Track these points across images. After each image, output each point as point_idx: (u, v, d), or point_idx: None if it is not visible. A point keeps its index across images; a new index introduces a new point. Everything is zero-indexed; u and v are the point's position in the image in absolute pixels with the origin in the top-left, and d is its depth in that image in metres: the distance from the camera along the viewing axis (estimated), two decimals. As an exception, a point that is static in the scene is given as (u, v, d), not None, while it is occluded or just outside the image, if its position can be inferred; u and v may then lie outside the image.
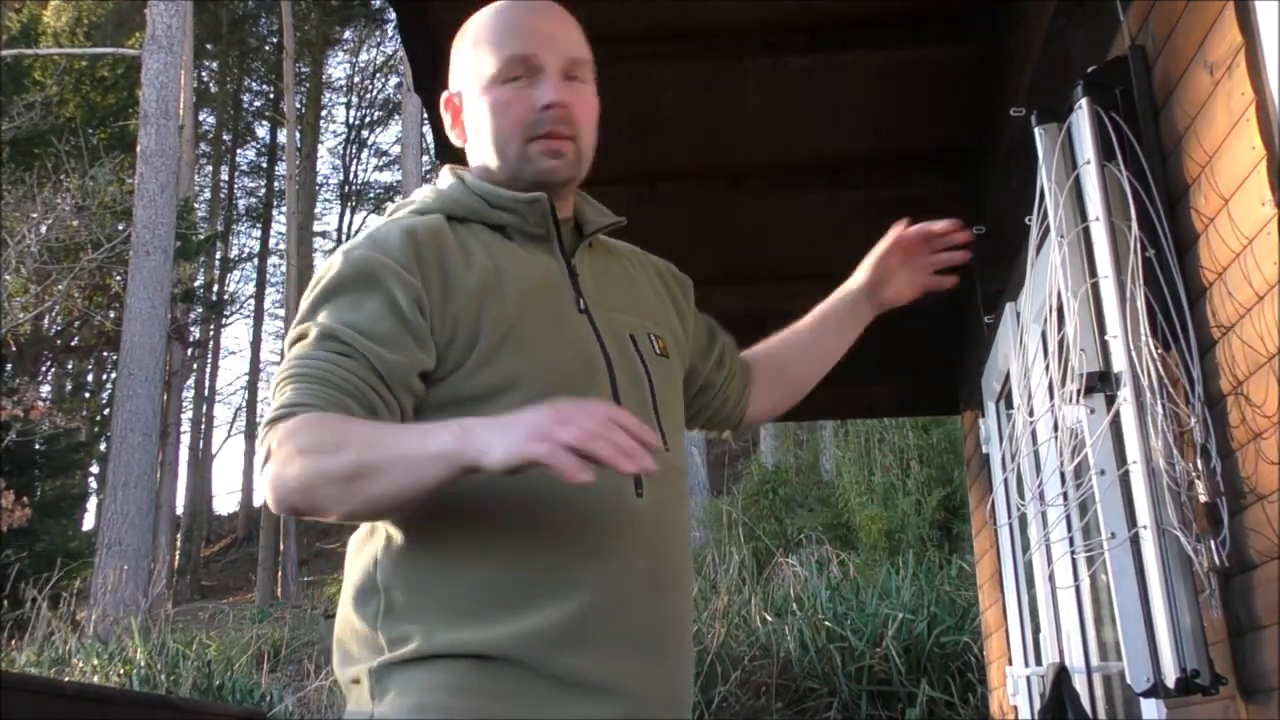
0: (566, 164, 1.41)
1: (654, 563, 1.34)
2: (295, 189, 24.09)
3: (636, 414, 1.27)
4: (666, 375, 1.46)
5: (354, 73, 30.69)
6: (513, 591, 1.27)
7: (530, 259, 1.40)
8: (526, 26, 1.42)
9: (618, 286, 1.49)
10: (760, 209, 4.00)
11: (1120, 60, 2.17)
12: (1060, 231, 2.14)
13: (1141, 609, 1.91)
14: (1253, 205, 1.68)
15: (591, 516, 1.29)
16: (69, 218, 15.39)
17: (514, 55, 1.40)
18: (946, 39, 3.20)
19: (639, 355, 1.42)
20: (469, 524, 1.29)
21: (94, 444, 20.53)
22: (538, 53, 1.39)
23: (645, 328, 1.47)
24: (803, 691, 7.62)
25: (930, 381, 5.12)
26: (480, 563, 1.28)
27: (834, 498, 13.22)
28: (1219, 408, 1.86)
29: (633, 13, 3.10)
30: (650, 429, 1.24)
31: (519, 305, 1.35)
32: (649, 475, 1.18)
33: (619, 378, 1.37)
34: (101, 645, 9.38)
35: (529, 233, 1.42)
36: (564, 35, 1.43)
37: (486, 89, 1.41)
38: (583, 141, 1.43)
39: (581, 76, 1.43)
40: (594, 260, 1.48)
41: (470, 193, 1.43)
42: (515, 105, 1.39)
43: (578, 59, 1.43)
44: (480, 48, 1.43)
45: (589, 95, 1.44)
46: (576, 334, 1.38)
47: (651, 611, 1.32)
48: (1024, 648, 3.86)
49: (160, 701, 5.81)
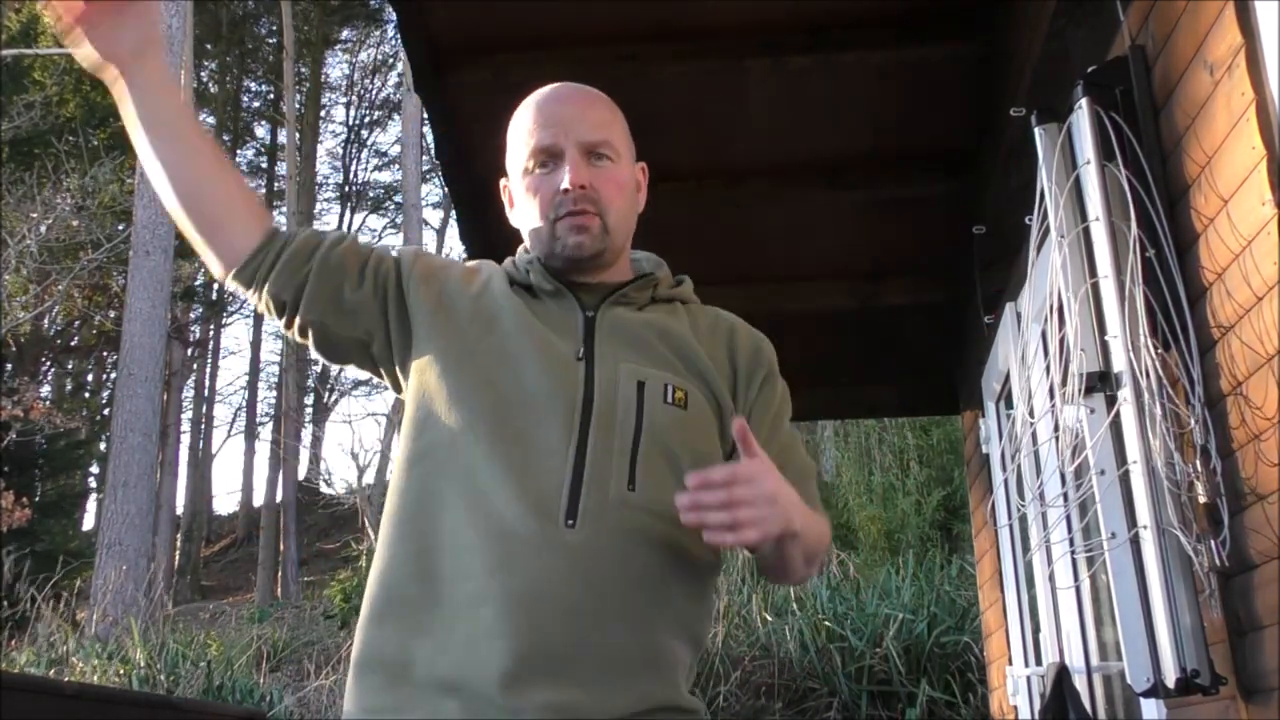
0: (592, 238, 1.52)
1: (581, 596, 1.33)
2: (295, 189, 24.09)
3: (600, 455, 1.39)
4: (672, 424, 1.47)
5: (353, 73, 30.71)
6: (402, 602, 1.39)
7: (547, 311, 1.53)
8: (549, 116, 1.55)
9: (646, 341, 1.53)
10: (760, 209, 4.00)
11: (1120, 60, 2.17)
12: (1060, 231, 2.14)
13: (1141, 609, 1.91)
14: (1253, 205, 1.68)
15: (512, 517, 1.35)
16: (69, 218, 15.39)
17: (538, 146, 1.54)
18: (946, 39, 3.20)
19: (639, 402, 1.45)
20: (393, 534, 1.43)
21: (94, 444, 20.52)
22: (557, 141, 1.52)
23: (664, 379, 1.49)
24: (803, 691, 7.62)
25: (930, 381, 5.12)
26: (389, 571, 1.41)
27: (834, 498, 13.22)
28: (1219, 408, 1.86)
29: (633, 13, 3.10)
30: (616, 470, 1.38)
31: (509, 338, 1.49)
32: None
33: (595, 419, 1.42)
34: (101, 645, 9.38)
35: (545, 289, 1.55)
36: (584, 119, 1.55)
37: (522, 178, 1.56)
38: (610, 216, 1.53)
39: (607, 155, 1.54)
40: (630, 314, 1.55)
41: (514, 264, 1.61)
42: (541, 190, 1.53)
43: (598, 141, 1.54)
44: (516, 140, 1.58)
45: (615, 172, 1.55)
46: (554, 374, 1.45)
47: (565, 636, 1.31)
48: (1024, 648, 3.86)
49: (160, 701, 5.80)
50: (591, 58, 3.17)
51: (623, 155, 1.57)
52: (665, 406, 1.46)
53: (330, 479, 21.38)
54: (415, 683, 1.32)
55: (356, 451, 32.68)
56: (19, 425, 14.05)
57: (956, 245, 3.94)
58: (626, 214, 1.57)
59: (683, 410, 1.47)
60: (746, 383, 1.57)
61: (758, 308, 1.43)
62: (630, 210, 1.58)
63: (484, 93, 3.05)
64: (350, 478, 19.06)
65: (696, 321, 1.60)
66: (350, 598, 11.52)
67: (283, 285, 1.50)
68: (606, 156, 1.54)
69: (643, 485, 1.40)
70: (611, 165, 1.54)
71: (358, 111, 30.73)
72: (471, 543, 1.34)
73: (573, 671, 1.30)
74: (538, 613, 1.30)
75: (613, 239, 1.53)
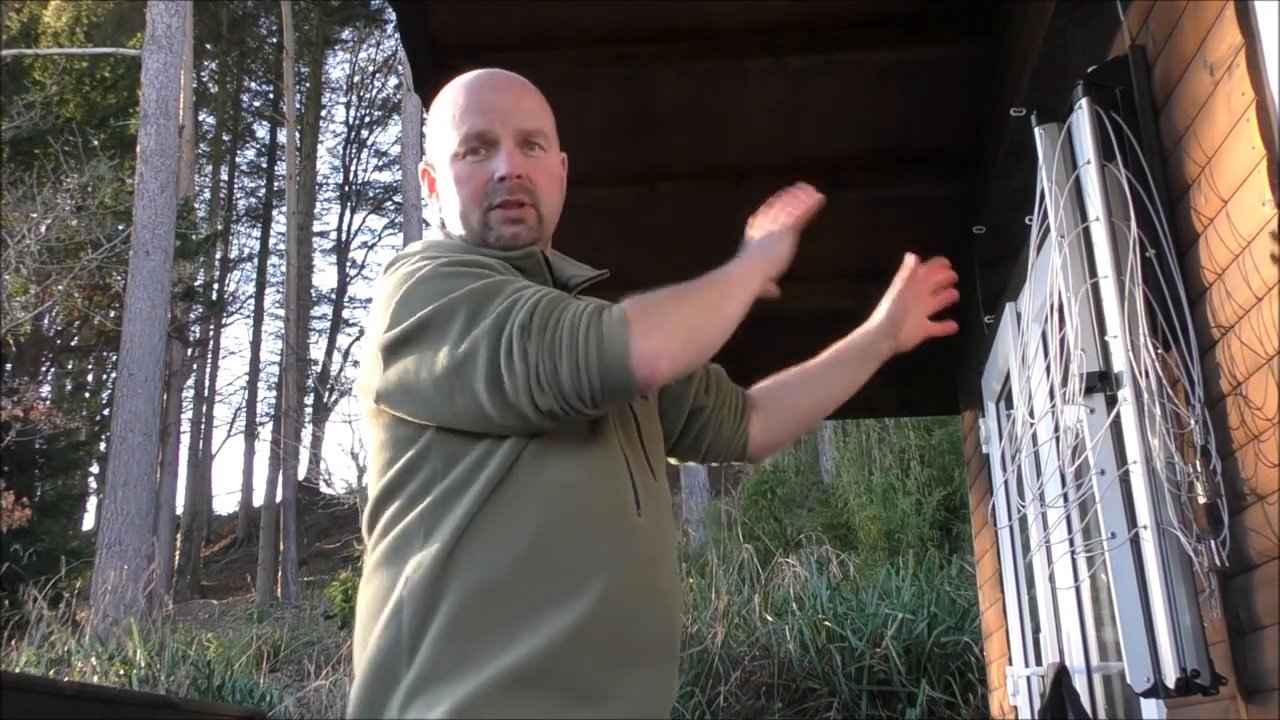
0: (526, 229, 1.49)
1: (650, 576, 1.41)
2: (295, 189, 24.10)
3: (628, 448, 1.44)
4: (645, 407, 1.56)
5: (353, 72, 30.71)
6: (518, 603, 1.33)
7: None
8: (483, 102, 1.51)
9: None
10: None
11: (1120, 60, 2.17)
12: (1060, 231, 2.14)
13: (1141, 609, 1.91)
14: (1253, 205, 1.68)
15: (600, 528, 1.38)
16: (69, 218, 15.39)
17: (471, 131, 1.49)
18: (946, 39, 3.20)
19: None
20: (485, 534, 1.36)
21: (94, 444, 20.51)
22: (493, 127, 1.49)
23: None
24: (803, 691, 7.62)
25: (930, 381, 5.11)
26: (488, 575, 1.34)
27: (834, 498, 13.23)
28: (1219, 408, 1.86)
29: (633, 13, 3.10)
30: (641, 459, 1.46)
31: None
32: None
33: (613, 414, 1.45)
34: (101, 645, 9.38)
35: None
36: (520, 107, 1.52)
37: (450, 164, 1.51)
38: (544, 206, 1.52)
39: (541, 144, 1.52)
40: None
41: (469, 248, 1.50)
42: (474, 178, 1.49)
43: (533, 130, 1.52)
44: (444, 125, 1.53)
45: (548, 162, 1.53)
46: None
47: (650, 622, 1.40)
48: (1024, 648, 3.86)
49: (160, 701, 5.80)
50: (591, 58, 3.17)
51: (552, 145, 1.56)
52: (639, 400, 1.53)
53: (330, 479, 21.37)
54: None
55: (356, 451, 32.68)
56: (19, 425, 14.04)
57: (956, 245, 3.94)
58: (557, 204, 1.56)
59: (645, 400, 1.56)
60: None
61: (758, 308, 1.43)
62: (560, 200, 1.58)
63: (484, 93, 3.05)
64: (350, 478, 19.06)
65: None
66: (350, 598, 11.51)
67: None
68: (539, 146, 1.52)
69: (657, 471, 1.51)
70: (544, 155, 1.53)
71: (358, 111, 30.76)
72: (579, 533, 1.37)
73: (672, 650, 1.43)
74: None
75: (545, 229, 1.53)
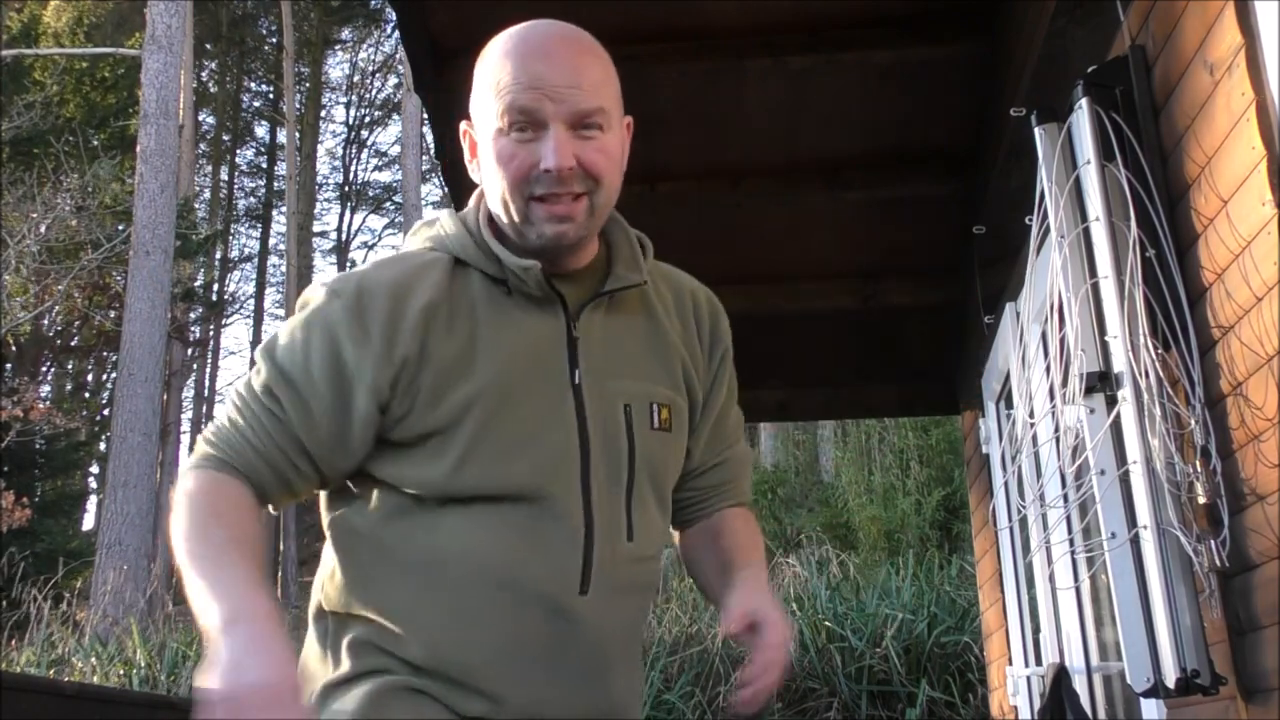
0: (575, 227, 1.31)
1: (585, 658, 1.32)
2: (295, 189, 24.09)
3: (604, 506, 1.32)
4: (660, 450, 1.40)
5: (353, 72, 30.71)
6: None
7: (524, 322, 1.34)
8: (532, 76, 1.27)
9: (628, 348, 1.40)
10: (760, 209, 4.00)
11: (1120, 60, 2.17)
12: (1060, 232, 2.14)
13: (1141, 609, 1.91)
14: (1253, 205, 1.68)
15: (524, 615, 1.28)
16: (69, 218, 15.39)
17: (515, 105, 1.28)
18: (946, 39, 3.20)
19: (628, 432, 1.36)
20: (400, 583, 1.31)
21: (94, 444, 20.52)
22: (541, 106, 1.27)
23: (649, 395, 1.39)
24: (803, 691, 7.62)
25: (930, 381, 5.12)
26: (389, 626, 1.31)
27: (834, 498, 13.23)
28: (1219, 408, 1.86)
29: (633, 13, 3.10)
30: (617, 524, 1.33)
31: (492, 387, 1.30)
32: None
33: (594, 467, 1.32)
34: (101, 645, 9.38)
35: (529, 294, 1.34)
36: (577, 83, 1.28)
37: (493, 137, 1.30)
38: (599, 195, 1.31)
39: (599, 122, 1.30)
40: (608, 320, 1.39)
41: (474, 245, 1.36)
42: (518, 159, 1.28)
43: (591, 110, 1.29)
44: (488, 90, 1.31)
45: (606, 142, 1.31)
46: (552, 418, 1.32)
47: (575, 704, 1.32)
48: (1024, 648, 3.86)
49: (160, 701, 5.80)
50: (591, 58, 3.16)
51: (614, 120, 1.34)
52: (652, 434, 1.38)
53: (330, 479, 21.31)
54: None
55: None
56: (19, 425, 14.04)
57: (956, 245, 3.94)
58: (614, 188, 1.35)
59: (668, 433, 1.41)
60: (708, 359, 1.50)
61: (758, 308, 1.41)
62: (618, 182, 1.36)
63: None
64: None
65: (664, 301, 1.47)
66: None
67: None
68: (597, 125, 1.30)
69: (639, 534, 1.36)
70: (601, 135, 1.30)
71: (358, 111, 30.75)
72: (495, 619, 1.29)
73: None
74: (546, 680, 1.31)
75: (596, 221, 1.34)
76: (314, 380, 1.29)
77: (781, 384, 4.91)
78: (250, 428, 1.30)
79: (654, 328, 1.44)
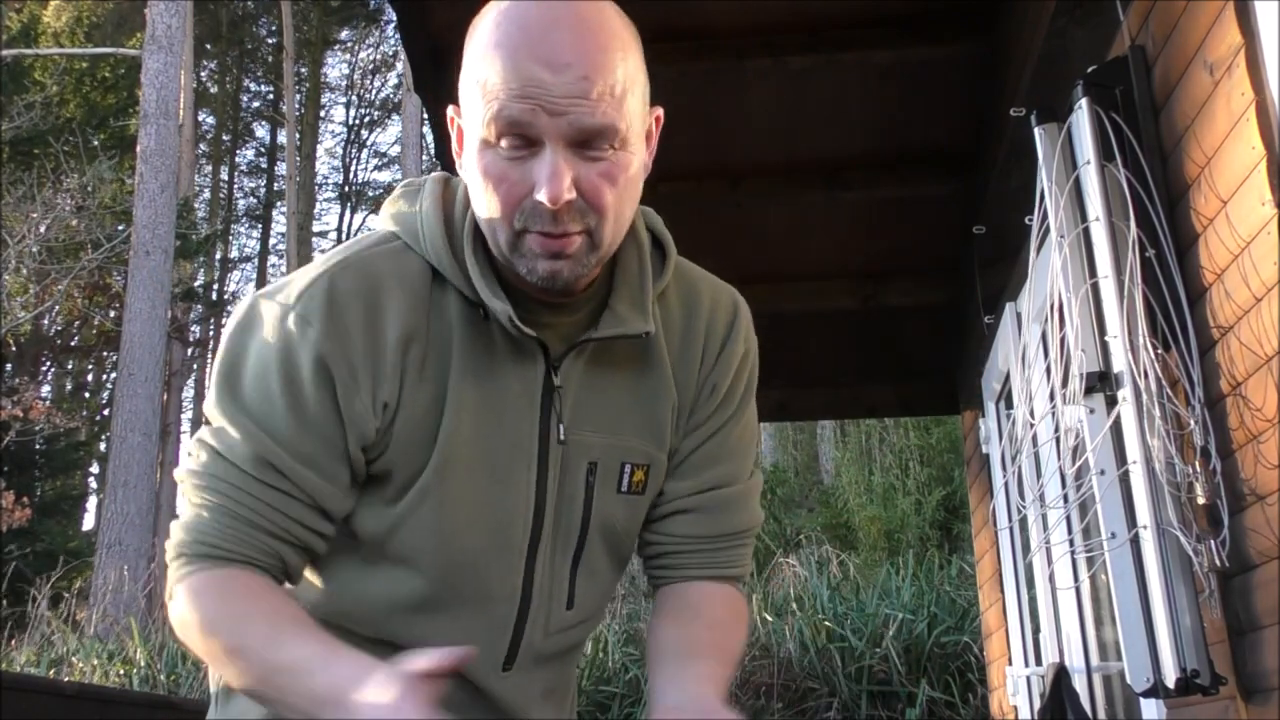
0: (571, 266, 1.06)
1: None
2: (295, 189, 24.10)
3: (546, 577, 1.17)
4: (625, 514, 1.22)
5: (353, 73, 30.71)
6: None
7: (499, 367, 1.13)
8: (526, 76, 1.00)
9: (611, 397, 1.19)
10: (760, 209, 4.00)
11: (1120, 60, 2.17)
12: (1060, 232, 2.14)
13: (1141, 609, 1.91)
14: (1253, 205, 1.68)
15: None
16: (69, 218, 15.40)
17: (503, 115, 1.01)
18: (946, 39, 3.20)
19: (586, 496, 1.18)
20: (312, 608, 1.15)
21: (94, 444, 20.53)
22: (535, 120, 1.00)
23: (623, 455, 1.19)
24: (803, 691, 7.62)
25: (930, 381, 5.12)
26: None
27: (834, 498, 13.23)
28: (1218, 409, 1.86)
29: (633, 13, 3.10)
30: (559, 594, 1.18)
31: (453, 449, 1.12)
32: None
33: (544, 536, 1.17)
34: (101, 645, 9.38)
35: (507, 331, 1.11)
36: (581, 92, 1.00)
37: (478, 148, 1.05)
38: (605, 227, 1.05)
39: (608, 143, 1.03)
40: (593, 363, 1.17)
41: (456, 256, 1.12)
42: (507, 182, 1.03)
43: (596, 129, 1.01)
44: (473, 85, 1.05)
45: (616, 165, 1.04)
46: (509, 484, 1.15)
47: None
48: (1024, 648, 3.86)
49: (160, 701, 5.80)
50: (591, 58, 3.16)
51: (633, 132, 1.06)
52: (618, 498, 1.20)
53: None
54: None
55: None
56: (19, 425, 14.05)
57: (956, 245, 3.95)
58: (625, 216, 1.09)
59: (640, 496, 1.21)
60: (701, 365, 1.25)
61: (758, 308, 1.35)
62: (631, 207, 1.11)
63: (484, 93, 3.04)
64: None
65: (671, 328, 1.23)
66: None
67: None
68: (607, 144, 1.02)
69: (580, 601, 1.22)
70: (612, 155, 1.03)
71: (358, 111, 30.74)
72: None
73: None
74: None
75: (601, 255, 1.08)
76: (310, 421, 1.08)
77: (781, 384, 4.91)
78: (253, 507, 1.08)
79: (649, 374, 1.21)
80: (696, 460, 1.25)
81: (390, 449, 1.11)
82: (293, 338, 1.08)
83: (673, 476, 1.25)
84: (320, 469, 1.09)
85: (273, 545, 1.08)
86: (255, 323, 1.11)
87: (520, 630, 1.17)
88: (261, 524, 1.07)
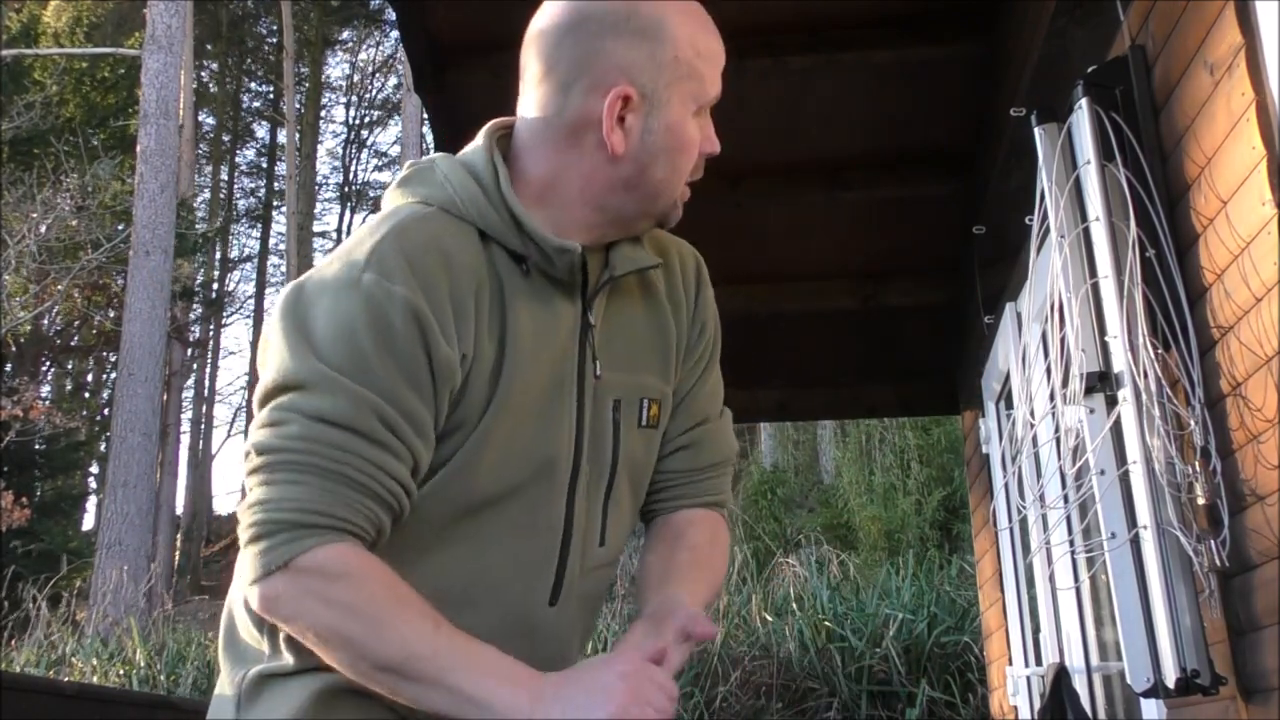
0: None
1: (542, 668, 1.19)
2: (295, 189, 24.10)
3: (584, 511, 1.22)
4: (644, 448, 1.29)
5: (353, 73, 30.72)
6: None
7: (544, 312, 1.20)
8: (715, 54, 1.25)
9: (629, 336, 1.28)
10: (760, 209, 4.00)
11: (1120, 60, 2.17)
12: (1060, 232, 2.14)
13: (1141, 609, 1.91)
14: (1253, 205, 1.68)
15: (491, 622, 1.16)
16: (69, 218, 15.40)
17: (714, 90, 1.24)
18: (946, 39, 3.20)
19: (614, 431, 1.25)
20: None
21: (94, 444, 20.52)
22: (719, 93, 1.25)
23: (641, 390, 1.27)
24: (803, 691, 7.62)
25: (930, 381, 5.12)
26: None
27: (834, 498, 13.24)
28: (1218, 409, 1.86)
29: (633, 13, 3.10)
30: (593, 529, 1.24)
31: (511, 394, 1.16)
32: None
33: (582, 470, 1.22)
34: (101, 645, 9.38)
35: (551, 275, 1.20)
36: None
37: (693, 112, 1.21)
38: None
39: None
40: (614, 306, 1.27)
41: (496, 210, 1.18)
42: (695, 148, 1.24)
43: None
44: (693, 65, 1.20)
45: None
46: (555, 420, 1.20)
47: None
48: (1024, 648, 3.86)
49: (160, 701, 5.80)
50: (591, 58, 3.16)
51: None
52: (640, 431, 1.27)
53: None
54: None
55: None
56: (19, 425, 14.05)
57: (956, 245, 3.95)
58: None
59: (654, 430, 1.30)
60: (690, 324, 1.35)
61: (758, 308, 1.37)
62: None
63: (484, 93, 3.04)
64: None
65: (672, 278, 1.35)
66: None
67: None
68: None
69: (610, 538, 1.27)
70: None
71: (358, 111, 30.75)
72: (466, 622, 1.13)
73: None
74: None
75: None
76: (410, 387, 1.09)
77: (781, 384, 4.91)
78: (366, 470, 1.07)
79: (654, 311, 1.31)
80: (689, 398, 1.35)
81: (463, 402, 1.14)
82: (376, 295, 1.08)
83: (672, 416, 1.33)
84: (419, 425, 1.10)
85: (375, 511, 1.09)
86: (315, 296, 1.11)
87: (564, 563, 1.22)
88: (370, 486, 1.08)
